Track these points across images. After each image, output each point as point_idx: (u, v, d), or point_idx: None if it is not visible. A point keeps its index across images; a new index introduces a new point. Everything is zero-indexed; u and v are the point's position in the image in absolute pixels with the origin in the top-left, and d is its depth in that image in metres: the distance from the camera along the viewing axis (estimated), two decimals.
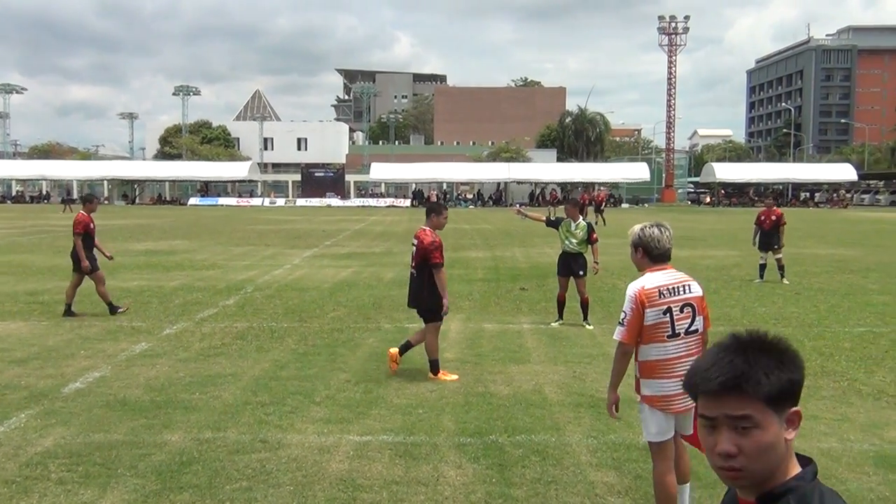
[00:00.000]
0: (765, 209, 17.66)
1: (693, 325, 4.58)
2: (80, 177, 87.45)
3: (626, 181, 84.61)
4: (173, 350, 9.92)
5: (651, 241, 4.65)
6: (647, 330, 4.50)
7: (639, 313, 4.49)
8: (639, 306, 4.49)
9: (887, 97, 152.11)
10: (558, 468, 5.81)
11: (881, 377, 8.63)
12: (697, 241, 28.66)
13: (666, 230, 4.72)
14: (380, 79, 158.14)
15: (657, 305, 4.50)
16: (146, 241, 28.96)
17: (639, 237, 4.70)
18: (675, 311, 4.52)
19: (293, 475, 5.65)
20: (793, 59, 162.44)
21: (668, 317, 4.51)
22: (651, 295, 4.50)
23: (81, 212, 12.89)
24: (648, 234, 4.66)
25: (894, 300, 14.30)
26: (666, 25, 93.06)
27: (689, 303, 4.59)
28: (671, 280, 4.60)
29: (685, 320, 4.55)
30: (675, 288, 4.58)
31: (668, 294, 4.53)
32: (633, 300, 4.52)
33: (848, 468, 5.84)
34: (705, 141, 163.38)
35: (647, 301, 4.49)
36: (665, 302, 4.51)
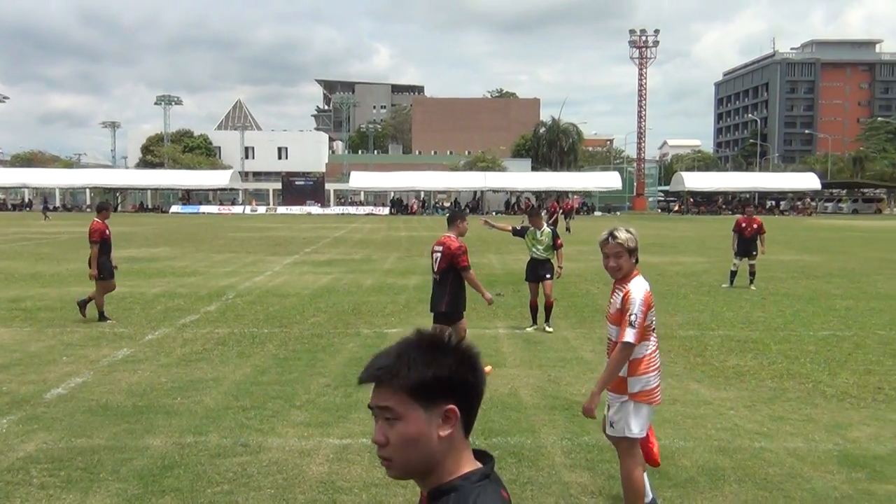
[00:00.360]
0: (745, 217, 17.76)
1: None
2: (62, 185, 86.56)
3: (598, 190, 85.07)
4: (155, 355, 9.83)
5: (637, 243, 4.78)
6: (645, 329, 4.66)
7: (646, 315, 4.62)
8: (647, 308, 4.63)
9: (849, 109, 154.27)
10: (534, 469, 5.82)
11: (844, 379, 8.73)
12: (667, 248, 28.86)
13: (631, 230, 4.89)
14: (359, 89, 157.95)
15: (653, 305, 4.72)
16: (128, 248, 28.69)
17: (634, 241, 4.74)
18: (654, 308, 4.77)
19: (274, 478, 5.62)
20: (759, 71, 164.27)
21: (654, 315, 4.77)
22: (651, 296, 4.71)
23: (96, 220, 12.84)
24: (636, 237, 4.77)
25: (857, 305, 14.48)
26: (636, 39, 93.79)
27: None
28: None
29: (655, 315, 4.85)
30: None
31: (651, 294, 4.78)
32: (644, 303, 4.62)
33: (813, 467, 5.90)
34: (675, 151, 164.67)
35: (651, 302, 4.69)
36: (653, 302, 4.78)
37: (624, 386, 4.66)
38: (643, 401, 4.63)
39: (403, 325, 12.13)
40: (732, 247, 17.58)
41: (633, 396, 4.63)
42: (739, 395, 8.06)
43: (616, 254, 4.70)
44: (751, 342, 10.78)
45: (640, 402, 4.62)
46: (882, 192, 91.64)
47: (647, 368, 4.66)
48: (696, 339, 11.00)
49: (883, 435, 6.73)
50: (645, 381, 4.64)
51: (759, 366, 9.37)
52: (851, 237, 37.64)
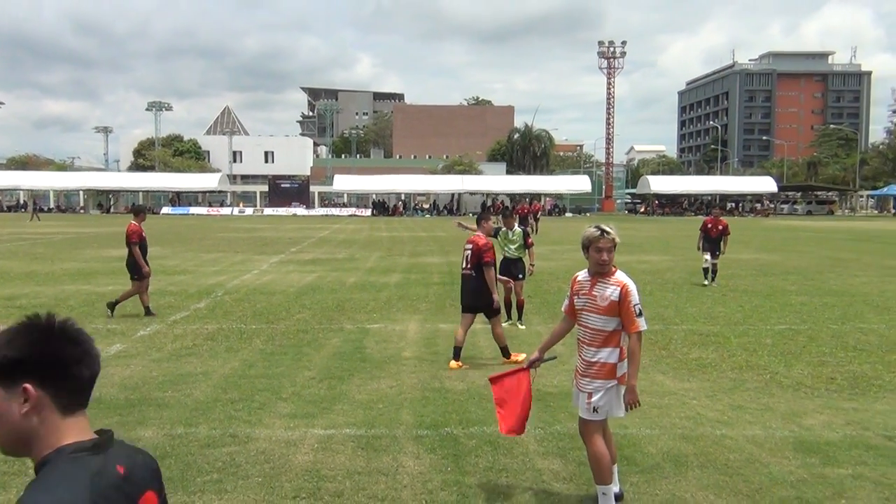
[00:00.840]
0: (711, 218, 17.78)
1: None
2: (56, 187, 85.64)
3: (569, 192, 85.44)
4: (147, 351, 9.75)
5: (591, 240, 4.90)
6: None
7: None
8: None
9: (803, 117, 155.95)
10: (508, 457, 5.84)
11: (799, 370, 8.83)
12: (634, 248, 29.02)
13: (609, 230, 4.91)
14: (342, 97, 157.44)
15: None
16: (120, 248, 28.37)
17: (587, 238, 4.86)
18: None
19: (261, 467, 5.59)
20: (719, 81, 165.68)
21: None
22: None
23: (133, 222, 12.90)
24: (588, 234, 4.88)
25: (811, 301, 14.64)
26: (605, 50, 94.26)
27: None
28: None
29: None
30: None
31: None
32: (638, 294, 4.86)
33: (770, 453, 5.96)
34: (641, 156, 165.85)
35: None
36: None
37: (613, 371, 4.76)
38: (623, 383, 4.77)
39: (385, 321, 12.11)
40: (698, 246, 17.58)
41: (621, 380, 4.76)
42: (702, 386, 8.12)
43: (609, 248, 4.78)
44: (712, 336, 10.87)
45: (621, 384, 4.76)
46: (834, 194, 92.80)
47: (624, 353, 4.80)
48: (661, 333, 11.07)
49: (835, 422, 6.81)
50: (624, 365, 4.79)
51: (720, 358, 9.45)
52: (806, 237, 38.06)
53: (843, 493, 5.19)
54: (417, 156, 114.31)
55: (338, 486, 5.24)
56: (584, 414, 4.84)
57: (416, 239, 35.37)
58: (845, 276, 19.30)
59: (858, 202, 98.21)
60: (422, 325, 11.89)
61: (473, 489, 5.21)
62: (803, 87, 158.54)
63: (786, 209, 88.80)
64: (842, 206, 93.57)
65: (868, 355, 9.63)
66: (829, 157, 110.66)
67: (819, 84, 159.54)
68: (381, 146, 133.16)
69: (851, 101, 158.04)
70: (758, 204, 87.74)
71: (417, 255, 25.84)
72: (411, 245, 31.30)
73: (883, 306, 13.92)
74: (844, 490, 5.24)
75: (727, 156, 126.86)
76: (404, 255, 25.53)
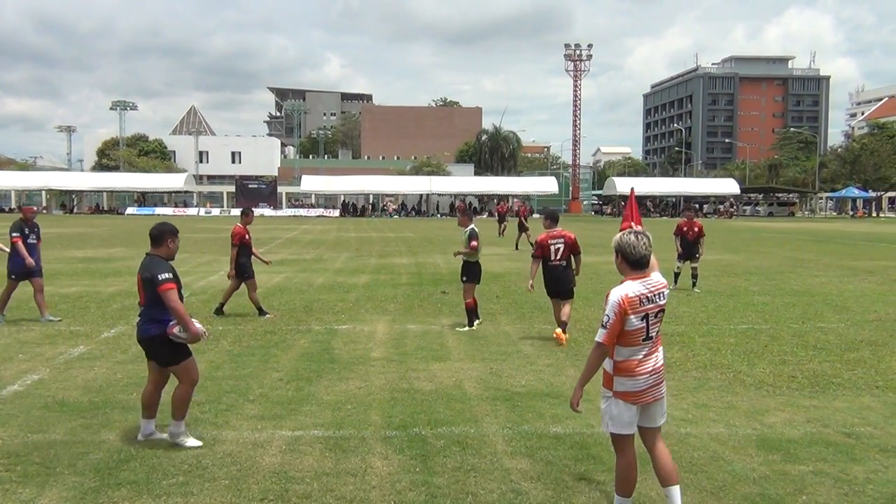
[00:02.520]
0: (685, 220, 17.00)
1: (659, 327, 4.63)
2: (18, 187, 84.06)
3: (536, 193, 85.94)
4: (111, 353, 9.59)
5: (627, 248, 4.58)
6: (627, 334, 4.48)
7: (620, 319, 4.44)
8: (621, 313, 4.44)
9: (765, 120, 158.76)
10: (477, 457, 5.84)
11: (762, 369, 8.96)
12: (601, 248, 29.22)
13: (643, 237, 4.63)
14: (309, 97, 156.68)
15: (638, 312, 4.47)
16: (84, 248, 27.95)
17: (617, 244, 4.64)
18: (651, 318, 4.53)
19: (228, 469, 5.53)
20: (683, 84, 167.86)
21: (645, 323, 4.51)
22: (633, 303, 4.46)
23: (238, 224, 12.87)
24: (626, 241, 4.60)
25: (772, 300, 14.87)
26: (571, 53, 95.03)
27: (661, 308, 4.61)
28: (649, 289, 4.54)
29: (657, 324, 4.58)
30: (653, 296, 4.54)
31: (647, 302, 4.50)
32: (616, 306, 4.44)
33: (733, 450, 6.04)
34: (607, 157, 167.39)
35: (630, 309, 4.45)
36: (644, 310, 4.49)
37: (609, 384, 4.58)
38: (630, 400, 4.52)
39: (353, 322, 12.06)
40: (676, 249, 16.80)
41: (618, 395, 4.53)
42: (667, 385, 8.18)
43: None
44: (677, 335, 10.97)
45: (627, 401, 4.52)
46: (794, 196, 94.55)
47: (634, 371, 4.52)
48: None
49: (796, 420, 6.92)
50: (632, 383, 4.52)
51: (685, 357, 9.55)
52: (767, 238, 38.65)
53: (804, 489, 5.28)
54: (386, 157, 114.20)
55: (306, 488, 5.20)
56: (601, 424, 4.79)
57: (384, 240, 35.28)
58: (806, 276, 19.64)
59: (818, 204, 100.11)
60: (390, 325, 11.86)
61: (442, 489, 5.21)
62: (764, 90, 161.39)
63: (748, 210, 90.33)
64: (802, 207, 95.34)
65: (827, 354, 9.80)
66: (790, 159, 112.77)
67: (780, 88, 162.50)
68: (349, 147, 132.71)
69: (811, 105, 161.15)
70: (721, 205, 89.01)
71: (386, 255, 25.78)
72: (380, 245, 31.23)
73: (842, 306, 14.18)
74: (805, 486, 5.32)
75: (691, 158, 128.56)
76: (373, 256, 25.46)
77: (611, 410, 4.57)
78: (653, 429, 4.70)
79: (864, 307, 14.00)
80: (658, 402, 4.65)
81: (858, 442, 6.29)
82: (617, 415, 4.55)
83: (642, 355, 4.53)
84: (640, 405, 4.56)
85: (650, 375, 4.55)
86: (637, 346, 4.52)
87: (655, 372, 4.57)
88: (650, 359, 4.56)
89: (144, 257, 6.26)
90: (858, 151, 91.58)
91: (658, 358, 4.61)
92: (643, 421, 4.64)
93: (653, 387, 4.57)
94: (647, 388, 4.54)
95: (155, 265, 6.03)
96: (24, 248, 11.67)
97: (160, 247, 6.24)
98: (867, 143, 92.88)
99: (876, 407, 7.38)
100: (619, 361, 4.53)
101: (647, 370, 4.52)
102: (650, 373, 4.55)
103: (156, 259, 6.14)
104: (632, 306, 4.45)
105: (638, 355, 4.52)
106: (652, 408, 4.62)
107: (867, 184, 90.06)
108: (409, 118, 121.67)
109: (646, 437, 4.71)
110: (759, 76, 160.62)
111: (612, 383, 4.56)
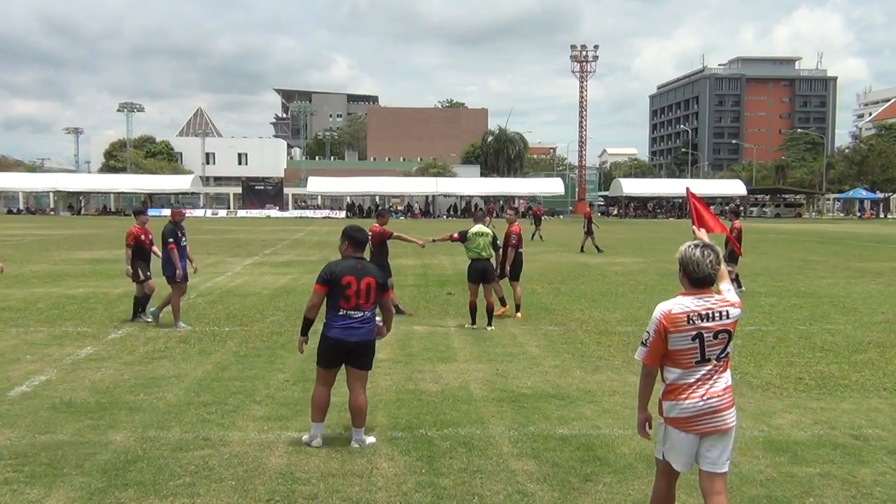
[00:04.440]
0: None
1: (725, 350, 4.08)
2: (26, 188, 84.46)
3: (542, 195, 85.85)
4: (118, 354, 9.62)
5: (690, 265, 4.07)
6: (674, 354, 4.02)
7: (661, 337, 4.00)
8: (661, 330, 4.00)
9: (772, 121, 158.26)
10: (483, 458, 5.83)
11: (768, 370, 8.93)
12: (607, 250, 29.21)
13: (710, 254, 4.08)
14: (316, 98, 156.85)
15: (684, 331, 3.98)
16: (92, 250, 28.05)
17: (680, 257, 4.14)
18: (708, 337, 4.00)
19: (234, 470, 5.54)
20: (689, 85, 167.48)
21: (699, 342, 3.99)
22: (677, 320, 3.98)
23: (375, 224, 12.88)
24: (688, 256, 4.09)
25: (779, 302, 14.83)
26: (577, 54, 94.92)
27: (725, 329, 4.04)
28: (705, 306, 4.03)
29: (718, 346, 4.03)
30: (710, 314, 4.01)
31: (698, 320, 3.99)
32: (656, 323, 4.02)
33: (741, 452, 6.01)
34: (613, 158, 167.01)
35: (672, 326, 3.98)
36: (695, 328, 3.98)
37: (661, 408, 4.15)
38: (681, 428, 4.06)
39: None
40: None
41: (668, 421, 4.09)
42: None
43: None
44: None
45: (678, 428, 4.06)
46: (801, 197, 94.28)
47: (687, 395, 4.03)
48: (633, 334, 11.13)
49: (803, 422, 6.90)
50: (682, 407, 4.03)
51: None
52: (774, 239, 38.55)
53: (811, 491, 5.26)
54: (391, 158, 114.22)
55: (312, 489, 5.20)
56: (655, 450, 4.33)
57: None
58: (813, 277, 19.58)
59: (825, 205, 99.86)
60: (396, 326, 11.79)
61: (448, 491, 5.21)
62: (771, 91, 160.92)
63: (755, 212, 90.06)
64: (809, 208, 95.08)
65: (835, 356, 9.77)
66: (797, 160, 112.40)
67: (787, 89, 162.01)
68: (355, 148, 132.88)
69: (818, 106, 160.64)
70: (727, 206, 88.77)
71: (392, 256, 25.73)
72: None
73: (849, 307, 14.13)
74: (812, 488, 5.31)
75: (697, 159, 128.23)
76: None
77: (661, 435, 4.17)
78: (710, 473, 4.08)
79: (872, 309, 13.95)
80: (720, 436, 4.06)
81: (866, 444, 6.27)
82: (669, 442, 4.11)
83: (695, 379, 4.02)
84: (695, 436, 4.04)
85: (703, 401, 4.01)
86: (688, 368, 4.02)
87: (710, 397, 4.01)
88: (705, 384, 4.02)
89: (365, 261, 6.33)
90: (866, 152, 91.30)
91: (719, 383, 4.05)
92: (700, 460, 4.09)
93: (708, 415, 4.01)
94: (700, 415, 4.00)
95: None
96: (177, 255, 11.68)
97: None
98: (874, 145, 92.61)
99: (884, 409, 7.35)
100: (668, 383, 4.09)
101: (698, 395, 4.00)
102: (701, 397, 4.01)
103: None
104: (675, 324, 3.98)
105: (689, 378, 4.03)
106: (710, 442, 4.05)
107: (875, 185, 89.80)
108: (415, 119, 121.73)
109: (702, 481, 4.15)
110: (765, 77, 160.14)
111: (662, 408, 4.12)
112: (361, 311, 6.06)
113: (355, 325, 6.04)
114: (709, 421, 4.01)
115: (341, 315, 6.04)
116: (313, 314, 6.13)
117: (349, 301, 6.01)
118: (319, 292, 6.05)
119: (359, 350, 6.11)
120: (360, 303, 6.04)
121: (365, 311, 6.08)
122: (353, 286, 6.00)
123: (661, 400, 4.13)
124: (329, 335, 6.08)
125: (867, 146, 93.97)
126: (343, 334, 6.03)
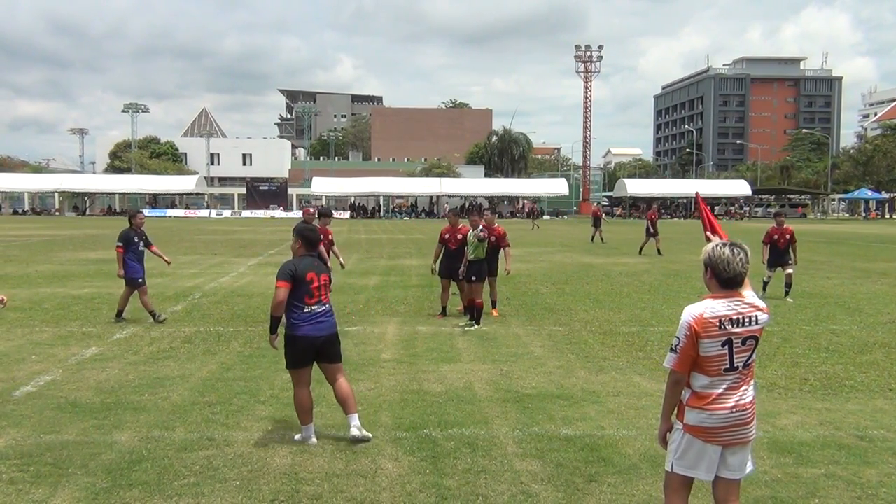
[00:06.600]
0: (775, 227, 16.35)
1: (751, 357, 3.91)
2: (31, 189, 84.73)
3: (547, 195, 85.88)
4: (123, 354, 9.64)
5: (720, 264, 3.89)
6: (704, 361, 3.82)
7: (692, 342, 3.79)
8: (693, 335, 3.79)
9: (777, 121, 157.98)
10: (487, 459, 5.83)
11: (773, 371, 8.92)
12: (611, 250, 29.19)
13: (740, 251, 3.94)
14: (320, 99, 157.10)
15: (715, 337, 3.79)
16: (97, 250, 28.10)
17: (708, 257, 3.94)
18: (737, 344, 3.82)
19: (239, 470, 5.54)
20: (694, 85, 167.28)
21: (728, 349, 3.81)
22: (709, 325, 3.79)
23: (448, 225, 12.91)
24: (717, 255, 3.91)
25: (783, 302, 14.79)
26: (581, 54, 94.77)
27: (753, 335, 3.87)
28: (736, 310, 3.85)
29: (745, 353, 3.86)
30: (740, 319, 3.84)
31: (730, 325, 3.81)
32: (686, 327, 3.80)
33: None
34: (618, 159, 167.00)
35: (703, 331, 3.78)
36: (725, 333, 3.80)
37: (681, 414, 3.93)
38: (702, 438, 3.86)
39: (363, 324, 12.07)
40: (763, 259, 16.14)
41: (688, 429, 3.87)
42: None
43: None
44: None
45: (698, 438, 3.86)
46: (806, 197, 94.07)
47: (712, 404, 3.83)
48: (637, 334, 11.13)
49: (808, 423, 6.89)
50: (705, 416, 3.84)
51: None
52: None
53: (816, 492, 5.25)
54: (396, 158, 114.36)
55: (316, 489, 5.21)
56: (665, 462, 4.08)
57: (394, 241, 35.31)
58: (818, 277, 19.54)
59: (830, 205, 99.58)
60: (400, 327, 11.87)
61: (452, 491, 5.21)
62: (776, 91, 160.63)
63: (760, 212, 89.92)
64: (814, 209, 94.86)
65: (840, 356, 9.75)
66: (802, 160, 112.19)
67: (792, 89, 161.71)
68: (359, 149, 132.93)
69: (823, 106, 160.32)
70: (732, 207, 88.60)
71: (396, 257, 25.79)
72: (390, 247, 31.24)
73: (854, 308, 14.10)
74: (818, 489, 5.30)
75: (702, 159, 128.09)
76: (383, 258, 25.47)
77: (676, 444, 3.93)
78: (728, 481, 3.94)
79: (877, 309, 13.92)
80: (742, 447, 3.91)
81: (871, 445, 6.25)
82: (682, 452, 3.90)
83: (723, 388, 3.83)
84: (718, 446, 3.87)
85: (730, 412, 3.83)
86: (717, 376, 3.83)
87: (739, 409, 3.84)
88: (734, 394, 3.84)
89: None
90: (871, 153, 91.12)
91: (746, 394, 3.89)
92: (720, 468, 3.92)
93: (734, 427, 3.84)
94: (726, 426, 3.83)
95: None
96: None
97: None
98: (880, 145, 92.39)
99: (889, 410, 7.34)
100: (694, 391, 3.89)
101: (726, 406, 3.82)
102: (731, 409, 3.83)
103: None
104: (706, 329, 3.78)
105: (718, 388, 3.83)
106: (732, 450, 3.89)
107: (880, 185, 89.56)
108: (419, 120, 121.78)
109: (718, 488, 3.99)
110: (770, 77, 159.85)
111: (684, 414, 3.90)
112: (324, 305, 6.29)
113: (322, 318, 6.25)
114: (735, 433, 3.86)
115: (307, 312, 6.19)
116: (280, 311, 6.21)
117: (313, 296, 6.20)
118: (285, 289, 6.12)
119: (329, 342, 6.31)
120: (322, 297, 6.28)
121: (326, 304, 6.32)
122: (314, 282, 6.21)
123: (684, 405, 3.91)
124: (299, 335, 6.20)
125: (872, 146, 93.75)
126: (314, 330, 6.20)
